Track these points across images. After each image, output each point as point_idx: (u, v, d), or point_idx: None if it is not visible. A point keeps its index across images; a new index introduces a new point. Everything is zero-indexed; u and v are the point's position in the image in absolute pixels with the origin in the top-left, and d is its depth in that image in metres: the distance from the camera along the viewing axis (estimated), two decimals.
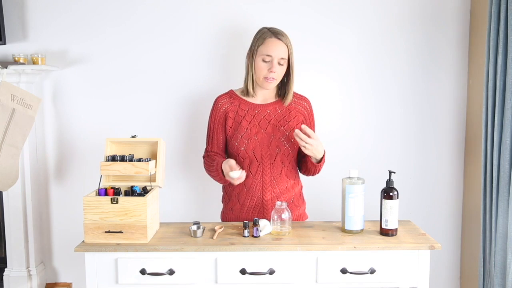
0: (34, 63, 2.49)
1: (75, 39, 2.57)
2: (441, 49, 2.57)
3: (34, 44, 2.58)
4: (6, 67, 2.41)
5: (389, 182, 1.78)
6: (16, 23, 2.56)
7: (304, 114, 2.03)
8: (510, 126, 2.05)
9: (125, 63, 2.59)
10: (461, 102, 2.60)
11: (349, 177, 1.80)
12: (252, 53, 1.96)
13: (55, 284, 2.74)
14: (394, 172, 1.80)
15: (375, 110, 2.61)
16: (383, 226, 1.77)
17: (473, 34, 2.53)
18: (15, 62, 2.47)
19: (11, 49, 2.57)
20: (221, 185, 2.13)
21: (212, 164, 1.96)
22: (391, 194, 1.76)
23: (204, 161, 2.06)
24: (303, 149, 1.83)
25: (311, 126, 2.06)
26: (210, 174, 2.02)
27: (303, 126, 1.81)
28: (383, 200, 1.77)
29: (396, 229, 1.77)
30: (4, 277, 2.62)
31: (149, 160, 1.81)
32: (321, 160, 1.95)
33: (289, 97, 1.99)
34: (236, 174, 1.81)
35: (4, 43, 2.50)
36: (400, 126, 2.62)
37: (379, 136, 2.63)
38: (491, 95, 2.16)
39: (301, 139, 1.80)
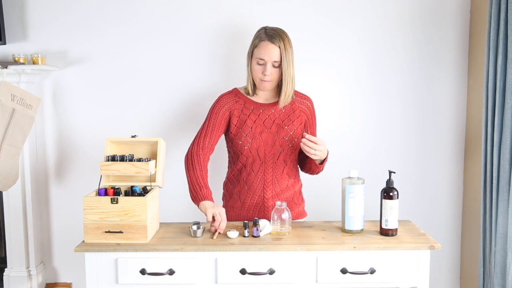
0: (34, 63, 2.48)
1: (75, 39, 2.57)
2: (441, 49, 2.57)
3: (34, 44, 2.58)
4: (6, 67, 2.41)
5: (389, 182, 1.78)
6: (16, 23, 2.56)
7: (306, 113, 2.03)
8: (510, 126, 2.05)
9: (126, 63, 2.59)
10: (461, 102, 2.60)
11: (349, 177, 1.80)
12: (249, 55, 1.98)
13: (55, 284, 2.74)
14: (394, 172, 1.80)
15: (375, 110, 2.61)
16: (383, 226, 1.77)
17: (473, 34, 2.53)
18: (15, 62, 2.47)
19: (11, 49, 2.57)
20: (222, 183, 2.14)
21: (195, 180, 1.88)
22: (391, 194, 1.76)
23: (190, 156, 1.95)
24: (312, 156, 1.84)
25: (313, 125, 2.06)
26: (187, 177, 1.93)
27: (307, 136, 1.82)
28: (383, 200, 1.77)
29: (396, 229, 1.77)
30: (4, 277, 2.62)
31: (149, 160, 1.81)
32: (324, 161, 1.96)
33: (283, 99, 1.95)
34: (235, 235, 1.75)
35: (4, 43, 2.50)
36: (400, 126, 2.62)
37: (379, 136, 2.63)
38: (491, 95, 2.16)
39: (310, 147, 1.81)
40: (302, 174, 2.15)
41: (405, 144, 2.64)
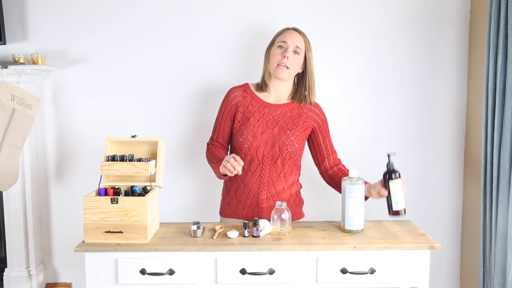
0: (34, 63, 2.48)
1: (75, 39, 2.57)
2: (441, 49, 2.57)
3: (34, 44, 2.58)
4: (6, 67, 2.41)
5: (389, 164, 1.79)
6: (16, 23, 2.56)
7: (316, 120, 2.03)
8: (510, 126, 2.04)
9: (125, 63, 2.58)
10: (461, 102, 2.60)
11: (349, 177, 1.80)
12: (270, 45, 2.02)
13: (55, 284, 2.74)
14: (395, 153, 1.81)
15: (375, 110, 2.61)
16: (395, 208, 1.78)
17: (473, 34, 2.53)
18: (15, 62, 2.47)
19: (11, 49, 2.57)
20: (223, 180, 2.14)
21: (214, 159, 1.98)
22: (394, 176, 1.77)
23: (207, 148, 2.07)
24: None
25: (326, 130, 2.07)
26: (210, 164, 2.05)
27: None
28: (390, 181, 1.77)
29: (405, 208, 1.79)
30: (4, 277, 2.62)
31: (149, 160, 1.81)
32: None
33: (307, 95, 2.00)
34: (235, 235, 1.74)
35: (4, 43, 2.50)
36: (400, 126, 2.62)
37: (379, 136, 2.63)
38: (491, 95, 2.16)
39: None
40: (302, 177, 2.14)
41: (405, 144, 2.64)
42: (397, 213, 1.78)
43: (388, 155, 1.80)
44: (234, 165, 1.80)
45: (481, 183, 2.29)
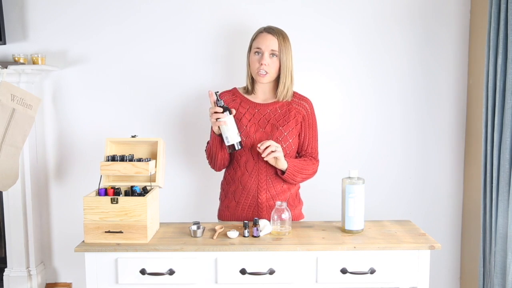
0: (34, 63, 2.49)
1: (75, 39, 2.58)
2: (441, 49, 2.57)
3: (34, 44, 2.58)
4: (6, 67, 2.41)
5: (217, 102, 1.85)
6: (16, 23, 2.56)
7: (303, 114, 2.02)
8: (510, 126, 2.05)
9: (126, 63, 2.59)
10: (461, 102, 2.60)
11: (349, 177, 1.80)
12: (248, 50, 2.02)
13: (55, 284, 2.74)
14: (218, 92, 1.89)
15: (375, 111, 2.61)
16: (227, 144, 1.86)
17: (473, 34, 2.53)
18: (15, 62, 2.47)
19: (11, 49, 2.57)
20: (220, 183, 2.13)
21: (209, 144, 1.99)
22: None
23: (206, 153, 2.06)
24: (273, 155, 1.85)
25: (311, 126, 2.05)
26: (212, 155, 1.99)
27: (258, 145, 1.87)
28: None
29: (240, 142, 1.86)
30: (4, 277, 2.62)
31: (149, 160, 1.81)
32: (287, 173, 1.93)
33: (281, 91, 1.97)
34: (235, 235, 1.75)
35: (4, 43, 2.50)
36: (400, 126, 2.62)
37: (379, 136, 2.63)
38: (491, 95, 2.16)
39: (265, 148, 1.84)
40: None
41: (405, 144, 2.64)
42: (232, 147, 1.85)
43: (216, 93, 1.87)
44: (213, 111, 1.83)
45: (481, 183, 2.29)
